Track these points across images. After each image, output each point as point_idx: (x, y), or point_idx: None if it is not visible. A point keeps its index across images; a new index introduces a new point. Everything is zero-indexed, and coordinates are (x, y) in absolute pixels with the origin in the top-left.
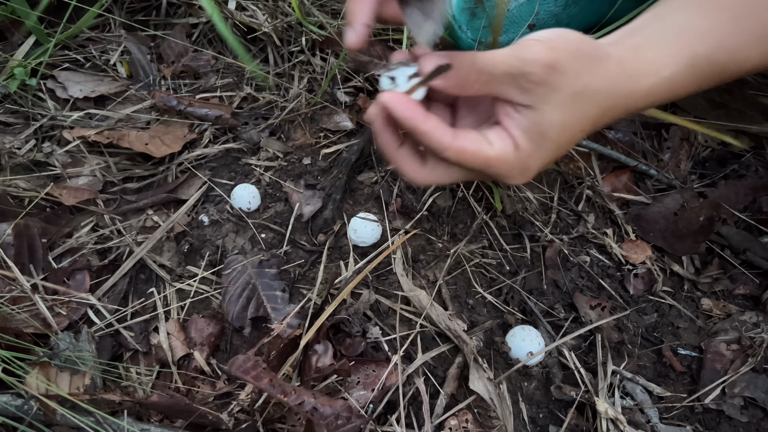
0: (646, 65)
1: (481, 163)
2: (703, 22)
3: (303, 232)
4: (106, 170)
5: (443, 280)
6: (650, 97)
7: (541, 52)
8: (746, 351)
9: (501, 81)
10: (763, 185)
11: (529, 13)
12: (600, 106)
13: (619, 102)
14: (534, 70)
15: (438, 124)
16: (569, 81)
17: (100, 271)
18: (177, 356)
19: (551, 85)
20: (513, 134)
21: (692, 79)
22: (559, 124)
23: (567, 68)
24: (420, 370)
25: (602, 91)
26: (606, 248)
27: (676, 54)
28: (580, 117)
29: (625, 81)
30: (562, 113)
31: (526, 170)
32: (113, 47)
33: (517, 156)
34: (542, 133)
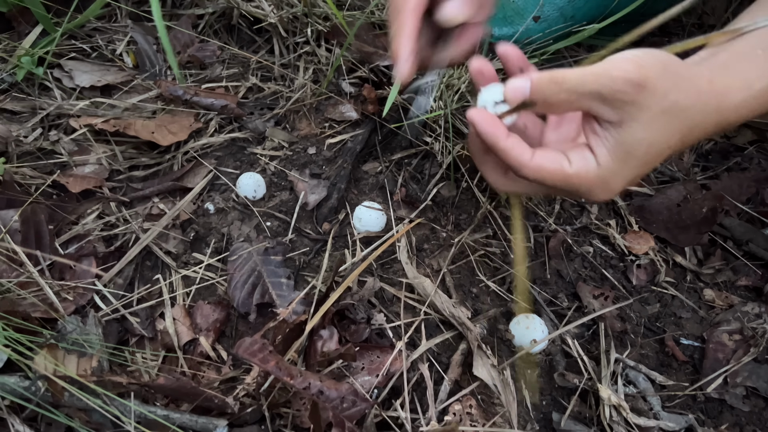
0: (737, 81)
1: (560, 180)
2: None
3: (308, 220)
4: (113, 158)
5: (447, 268)
6: (742, 110)
7: (630, 71)
8: (748, 341)
9: (589, 99)
10: (766, 177)
11: (534, 4)
12: (688, 123)
13: (708, 118)
14: (623, 88)
15: (517, 143)
16: (657, 99)
17: (106, 257)
18: (183, 341)
19: (640, 104)
20: (597, 152)
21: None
22: (646, 143)
23: (656, 86)
24: (424, 357)
25: (690, 108)
26: (609, 239)
27: (766, 67)
28: (667, 135)
29: (715, 97)
30: (649, 132)
31: (608, 188)
32: (120, 37)
33: (598, 174)
34: (628, 152)
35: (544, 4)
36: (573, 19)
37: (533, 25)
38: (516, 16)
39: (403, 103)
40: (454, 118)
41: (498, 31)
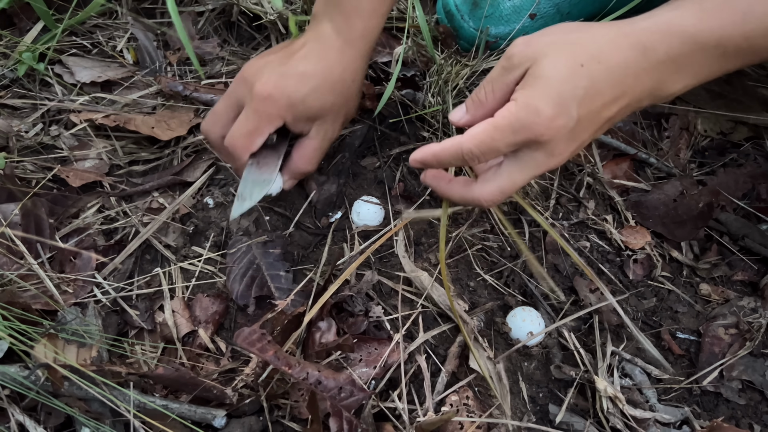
0: (641, 16)
1: (492, 130)
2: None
3: (307, 214)
4: (113, 153)
5: (444, 262)
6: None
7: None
8: (744, 335)
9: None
10: (761, 173)
11: (530, 2)
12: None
13: (615, 37)
14: (513, 50)
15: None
16: (546, 38)
17: (106, 251)
18: (182, 333)
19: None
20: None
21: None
22: (547, 61)
23: (551, 30)
24: (421, 348)
25: (584, 28)
26: (606, 234)
27: (677, 4)
28: (567, 48)
29: (613, 24)
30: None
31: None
32: (120, 34)
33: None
34: (534, 75)
35: (541, 1)
36: (569, 15)
37: (529, 22)
38: (512, 14)
39: (402, 99)
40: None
41: (494, 30)
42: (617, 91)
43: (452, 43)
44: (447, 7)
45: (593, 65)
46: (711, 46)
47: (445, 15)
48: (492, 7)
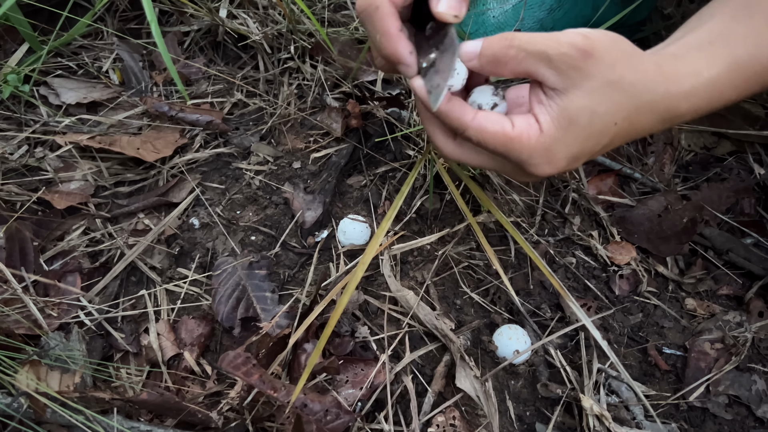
0: (685, 68)
1: (501, 143)
2: (739, 27)
3: (293, 234)
4: (98, 174)
5: (431, 280)
6: (692, 98)
7: (577, 38)
8: (730, 350)
9: (536, 59)
10: (744, 188)
11: (514, 18)
12: (635, 100)
13: (656, 100)
14: (569, 51)
15: (459, 104)
16: (603, 69)
17: (91, 273)
18: (167, 356)
19: (584, 70)
20: (540, 119)
21: (735, 82)
22: (589, 111)
23: (603, 57)
24: (408, 369)
25: (637, 84)
26: (591, 250)
27: (715, 57)
28: (612, 108)
29: (664, 80)
30: (592, 100)
31: (551, 158)
32: (106, 54)
33: (540, 140)
34: (570, 118)
35: (525, 17)
36: (553, 31)
37: None
38: (496, 30)
39: (387, 117)
40: None
41: None
42: (624, 142)
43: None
44: None
45: (624, 124)
46: (732, 100)
47: None
48: (476, 24)
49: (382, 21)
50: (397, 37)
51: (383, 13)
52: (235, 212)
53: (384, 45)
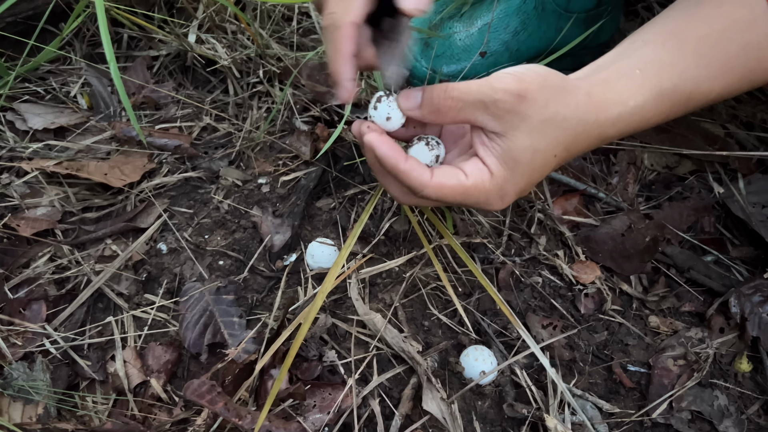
0: (614, 95)
1: (460, 194)
2: (668, 56)
3: (261, 258)
4: (65, 200)
5: (399, 302)
6: (620, 124)
7: (510, 83)
8: (692, 366)
9: (474, 107)
10: (704, 206)
11: (480, 41)
12: (569, 133)
13: (589, 129)
14: (504, 97)
15: (416, 165)
16: (538, 109)
17: (57, 300)
18: (133, 384)
19: (521, 113)
20: (487, 162)
21: (660, 108)
22: (531, 150)
23: (536, 97)
24: (375, 392)
25: (571, 118)
26: (557, 269)
27: (642, 85)
28: (550, 143)
29: (594, 110)
30: (532, 139)
31: (504, 195)
32: (74, 79)
33: (492, 183)
34: (515, 159)
35: (490, 39)
36: (518, 53)
37: (480, 60)
38: (463, 53)
39: (355, 140)
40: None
41: (446, 69)
42: (564, 164)
43: (404, 85)
44: None
45: (562, 155)
46: (654, 123)
47: None
48: (443, 47)
49: (339, 41)
50: (345, 60)
51: (342, 35)
52: (203, 237)
53: (332, 62)
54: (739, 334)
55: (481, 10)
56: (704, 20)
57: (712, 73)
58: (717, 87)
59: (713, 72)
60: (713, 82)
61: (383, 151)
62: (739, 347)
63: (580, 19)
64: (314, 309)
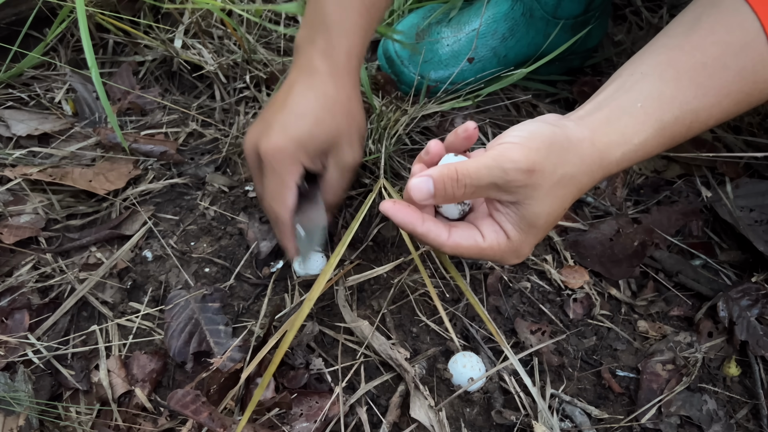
0: (617, 137)
1: (476, 253)
2: (667, 89)
3: (248, 265)
4: (50, 208)
5: (387, 309)
6: (623, 163)
7: (520, 159)
8: (681, 371)
9: (487, 189)
10: (692, 210)
11: (468, 47)
12: (578, 187)
13: (594, 176)
14: (515, 177)
15: (433, 227)
16: (548, 176)
17: (40, 309)
18: (117, 393)
19: (532, 185)
20: (504, 228)
21: (661, 141)
22: (545, 214)
23: (544, 168)
24: (363, 400)
25: (578, 174)
26: (546, 274)
27: (644, 122)
28: (561, 201)
29: (598, 158)
30: (545, 205)
31: (519, 254)
32: (58, 85)
33: (508, 245)
34: (530, 224)
35: (478, 45)
36: (506, 58)
37: (468, 66)
38: (451, 58)
39: None
40: (391, 160)
41: (434, 75)
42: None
43: (392, 89)
44: (387, 53)
45: (571, 203)
46: (656, 153)
47: (385, 61)
48: (431, 53)
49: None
50: (290, 238)
51: (284, 224)
52: (189, 244)
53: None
54: (727, 338)
55: (469, 15)
56: (699, 48)
57: (709, 102)
58: (715, 114)
59: (711, 101)
60: (711, 110)
61: (400, 218)
62: (727, 351)
63: (568, 25)
64: (300, 317)
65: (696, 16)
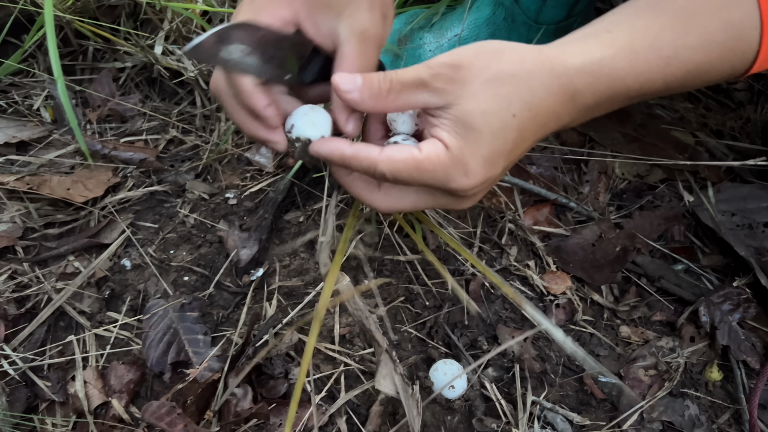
0: (572, 48)
1: (414, 168)
2: (640, 20)
3: (228, 273)
4: (27, 216)
5: (368, 316)
6: (585, 76)
7: (443, 57)
8: (663, 376)
9: (413, 87)
10: (675, 215)
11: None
12: (522, 88)
13: (547, 81)
14: (440, 70)
15: (362, 146)
16: (477, 72)
17: (16, 320)
18: (94, 405)
19: (460, 80)
20: (440, 136)
21: (636, 67)
22: (479, 112)
23: (473, 63)
24: (342, 410)
25: (519, 72)
26: (528, 280)
27: (612, 42)
28: (501, 102)
29: (548, 62)
30: (478, 101)
31: (467, 169)
32: (37, 92)
33: (449, 155)
34: (465, 125)
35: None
36: None
37: None
38: None
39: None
40: None
41: None
42: (540, 134)
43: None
44: None
45: (524, 113)
46: (635, 89)
47: None
48: (413, 59)
49: (249, 100)
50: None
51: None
52: (168, 252)
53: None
54: (709, 343)
55: (451, 21)
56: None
57: (690, 42)
58: (696, 57)
59: (692, 40)
60: (693, 52)
61: (326, 149)
62: (709, 356)
63: (550, 30)
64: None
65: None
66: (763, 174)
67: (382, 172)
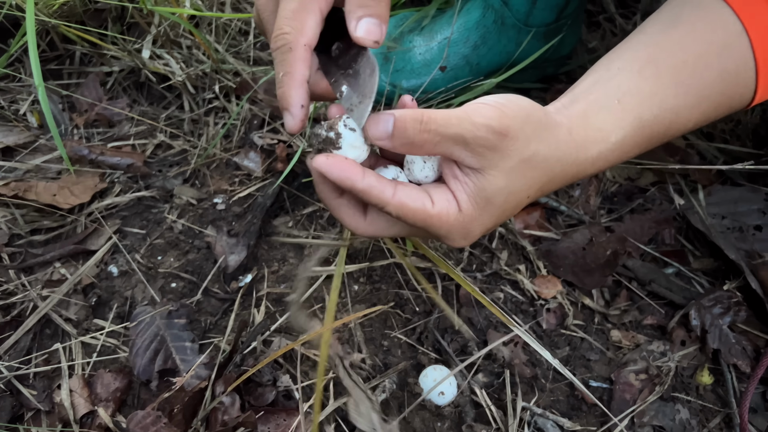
0: (594, 132)
1: (421, 220)
2: (646, 85)
3: (216, 279)
4: (13, 222)
5: (358, 322)
6: (599, 162)
7: (493, 118)
8: (653, 380)
9: (452, 142)
10: (665, 218)
11: (440, 55)
12: (547, 173)
13: (567, 169)
14: (485, 135)
15: (377, 180)
16: (519, 147)
17: (1, 327)
18: (80, 414)
19: (501, 151)
20: (458, 197)
21: (639, 141)
22: (506, 191)
23: (518, 135)
24: (331, 417)
25: (550, 158)
26: (519, 284)
27: (622, 119)
28: (527, 183)
29: (574, 149)
30: (508, 180)
31: (467, 234)
32: (23, 97)
33: (458, 219)
34: (487, 199)
35: (450, 53)
36: (479, 66)
37: (440, 75)
38: (423, 67)
39: None
40: None
41: (406, 83)
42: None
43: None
44: None
45: (535, 195)
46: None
47: None
48: (403, 61)
49: (292, 64)
50: (298, 84)
51: (295, 57)
52: (156, 258)
53: (283, 86)
54: (700, 347)
55: (441, 24)
56: (680, 45)
57: (690, 102)
58: (695, 115)
59: (691, 100)
60: (692, 111)
61: (336, 173)
62: (700, 360)
63: (540, 32)
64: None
65: (675, 14)
66: (754, 177)
67: (389, 210)
